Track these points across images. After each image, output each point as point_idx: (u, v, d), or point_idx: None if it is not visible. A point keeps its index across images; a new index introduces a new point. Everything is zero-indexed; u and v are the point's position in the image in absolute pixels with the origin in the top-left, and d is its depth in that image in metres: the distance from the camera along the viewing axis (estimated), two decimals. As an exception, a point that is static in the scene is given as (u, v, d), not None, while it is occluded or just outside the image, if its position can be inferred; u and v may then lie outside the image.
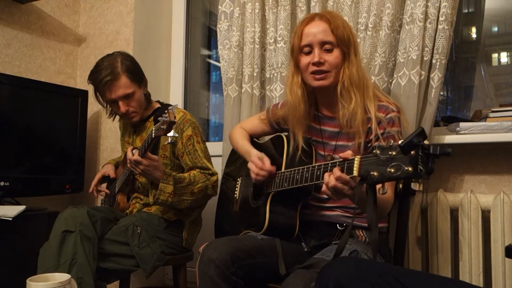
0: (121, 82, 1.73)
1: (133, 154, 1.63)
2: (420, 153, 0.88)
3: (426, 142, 0.89)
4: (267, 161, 1.43)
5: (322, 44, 1.37)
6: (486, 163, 1.74)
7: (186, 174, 1.75)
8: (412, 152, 0.89)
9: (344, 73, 1.36)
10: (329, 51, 1.37)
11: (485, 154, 1.74)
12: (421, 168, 0.88)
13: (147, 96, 1.89)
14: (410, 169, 0.89)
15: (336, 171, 1.08)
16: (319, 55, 1.36)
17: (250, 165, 1.46)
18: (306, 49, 1.39)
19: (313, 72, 1.38)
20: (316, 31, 1.37)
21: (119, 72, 1.73)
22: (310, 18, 1.41)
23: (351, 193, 1.10)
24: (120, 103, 1.77)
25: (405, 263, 1.66)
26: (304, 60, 1.40)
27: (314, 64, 1.37)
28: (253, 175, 1.44)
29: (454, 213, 1.69)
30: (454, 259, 1.67)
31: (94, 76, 1.76)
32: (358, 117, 1.35)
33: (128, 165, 1.66)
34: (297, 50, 1.42)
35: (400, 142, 0.91)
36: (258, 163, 1.42)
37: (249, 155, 1.50)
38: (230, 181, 1.77)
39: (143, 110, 1.86)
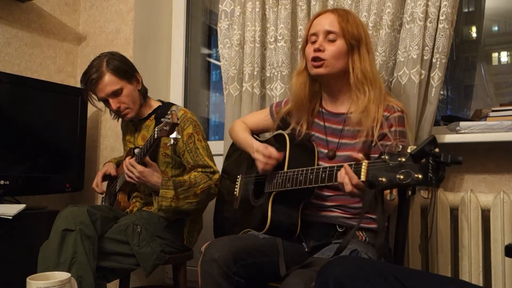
0: (107, 80, 1.78)
1: (133, 156, 1.64)
2: (430, 161, 0.87)
3: (436, 150, 0.88)
4: (273, 150, 1.43)
5: (327, 33, 1.41)
6: (486, 163, 1.74)
7: (186, 177, 1.76)
8: (422, 160, 0.89)
9: (354, 66, 1.38)
10: (332, 41, 1.40)
11: (485, 154, 1.74)
12: (431, 176, 0.87)
13: (143, 92, 1.88)
14: (420, 176, 0.89)
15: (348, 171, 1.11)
16: (320, 42, 1.41)
17: (256, 155, 1.45)
18: (312, 38, 1.44)
19: (313, 59, 1.42)
20: (324, 22, 1.42)
21: (103, 70, 1.78)
22: (323, 11, 1.48)
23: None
24: (111, 100, 1.81)
25: (405, 263, 1.66)
26: (309, 48, 1.45)
27: (314, 50, 1.41)
28: (260, 165, 1.43)
29: (454, 213, 1.69)
30: (454, 258, 1.67)
31: (83, 78, 1.83)
32: (372, 113, 1.35)
33: (125, 170, 1.69)
34: (305, 40, 1.48)
35: (410, 150, 0.90)
36: (265, 152, 1.42)
37: (252, 147, 1.49)
38: (225, 178, 1.77)
39: (139, 106, 1.86)
